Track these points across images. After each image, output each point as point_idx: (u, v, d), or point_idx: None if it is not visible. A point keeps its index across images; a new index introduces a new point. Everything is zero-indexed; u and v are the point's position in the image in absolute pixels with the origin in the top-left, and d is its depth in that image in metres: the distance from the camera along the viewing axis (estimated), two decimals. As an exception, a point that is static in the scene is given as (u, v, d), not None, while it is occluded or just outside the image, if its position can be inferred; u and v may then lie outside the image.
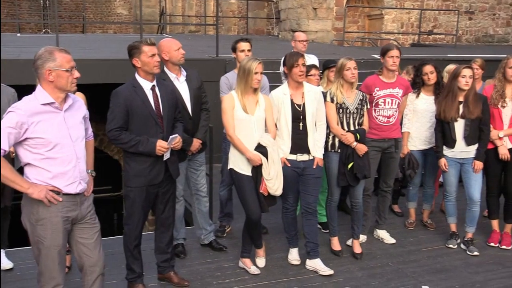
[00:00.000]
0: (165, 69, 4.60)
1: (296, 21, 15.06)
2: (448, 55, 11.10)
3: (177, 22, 23.72)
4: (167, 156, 4.00)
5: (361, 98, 4.80)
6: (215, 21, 10.14)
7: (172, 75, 4.60)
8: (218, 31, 9.52)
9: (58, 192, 3.20)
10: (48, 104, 3.15)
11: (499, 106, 5.12)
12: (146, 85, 3.96)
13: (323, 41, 14.84)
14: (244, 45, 5.21)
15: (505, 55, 5.26)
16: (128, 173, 4.02)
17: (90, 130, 3.60)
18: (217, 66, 8.31)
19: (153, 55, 3.89)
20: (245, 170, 4.32)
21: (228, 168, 4.46)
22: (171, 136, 3.94)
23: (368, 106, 4.89)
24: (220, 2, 20.16)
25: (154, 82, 4.01)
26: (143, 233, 4.29)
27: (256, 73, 4.20)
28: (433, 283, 4.53)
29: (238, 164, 4.35)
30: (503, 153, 5.09)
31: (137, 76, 3.98)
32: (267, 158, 4.22)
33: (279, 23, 16.55)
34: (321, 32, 15.03)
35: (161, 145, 3.89)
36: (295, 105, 4.43)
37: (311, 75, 5.14)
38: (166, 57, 4.53)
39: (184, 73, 4.70)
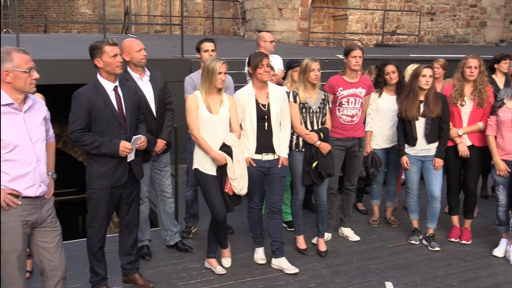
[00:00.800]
0: (128, 69, 4.55)
1: (261, 21, 15.10)
2: (411, 55, 11.31)
3: (142, 22, 23.48)
4: (131, 157, 3.97)
5: (323, 98, 4.86)
6: (180, 21, 10.08)
7: (135, 76, 4.56)
8: (184, 31, 9.48)
9: (17, 195, 3.14)
10: (7, 105, 3.09)
11: (458, 104, 5.25)
12: (109, 85, 3.92)
13: (289, 41, 14.92)
14: (208, 45, 5.21)
15: (464, 55, 5.41)
16: (91, 175, 3.97)
17: (51, 131, 3.54)
18: (182, 66, 8.28)
19: (115, 55, 3.85)
20: (210, 170, 4.32)
21: (193, 168, 4.45)
22: (134, 137, 3.91)
23: (330, 105, 4.96)
24: (186, 2, 20.07)
25: (117, 83, 3.96)
26: (107, 235, 4.24)
27: (220, 73, 4.21)
28: (396, 278, 4.62)
29: (203, 164, 4.34)
30: (463, 150, 5.22)
31: (99, 76, 3.93)
32: (232, 157, 4.23)
33: (245, 23, 16.57)
34: (286, 32, 15.11)
35: (125, 146, 3.85)
36: (260, 105, 4.46)
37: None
38: (127, 58, 4.48)
39: (148, 73, 4.66)
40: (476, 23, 18.04)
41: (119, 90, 3.96)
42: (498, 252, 5.11)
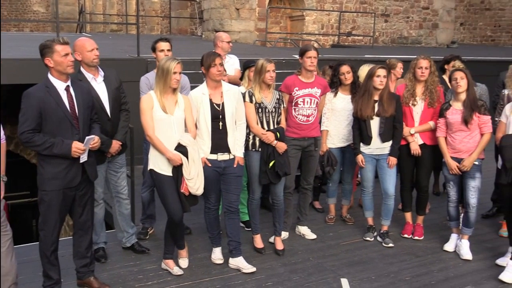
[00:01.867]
0: (82, 69, 4.47)
1: (219, 21, 15.08)
2: (365, 55, 11.52)
3: (98, 21, 23.06)
4: (84, 158, 3.90)
5: (278, 98, 4.91)
6: (136, 20, 9.95)
7: (89, 76, 4.48)
8: (141, 31, 9.37)
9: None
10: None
11: (410, 104, 5.38)
12: (60, 85, 3.84)
13: (246, 41, 14.96)
14: (163, 45, 5.17)
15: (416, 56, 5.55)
16: (43, 176, 3.88)
17: (1, 132, 3.44)
18: (138, 66, 8.18)
19: (66, 54, 3.78)
20: (166, 170, 4.30)
21: (148, 169, 4.41)
22: (87, 137, 3.84)
23: (285, 105, 5.01)
24: (142, 1, 19.85)
25: (69, 83, 3.89)
26: (61, 238, 4.16)
27: (174, 73, 4.18)
28: (351, 275, 4.70)
29: (158, 164, 4.31)
30: (415, 148, 5.36)
31: (50, 76, 3.85)
32: (187, 157, 4.21)
33: (203, 23, 16.51)
34: (244, 32, 15.14)
35: (77, 147, 3.79)
36: (214, 104, 4.46)
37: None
38: (79, 58, 4.40)
39: (101, 73, 4.58)
40: (429, 25, 18.54)
41: (71, 90, 3.89)
42: (449, 247, 5.27)
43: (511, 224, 4.79)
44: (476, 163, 5.00)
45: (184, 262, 4.75)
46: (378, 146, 5.24)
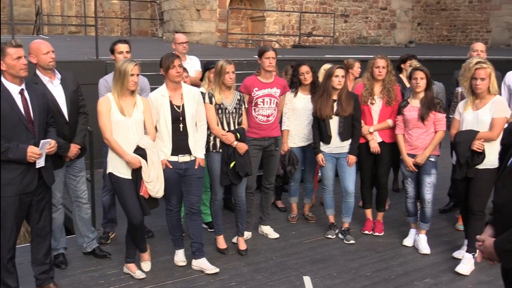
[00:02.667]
0: (37, 72, 4.38)
1: (179, 23, 15.02)
2: (326, 56, 11.66)
3: (55, 23, 22.60)
4: (40, 163, 3.82)
5: (239, 98, 4.92)
6: (95, 22, 9.82)
7: (45, 79, 4.39)
8: (101, 32, 9.27)
9: None
10: None
11: (368, 103, 5.48)
12: (14, 89, 3.76)
13: (207, 42, 14.95)
14: (122, 47, 5.11)
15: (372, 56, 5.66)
16: (-2, 182, 3.78)
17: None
18: (97, 68, 8.06)
19: (19, 57, 3.70)
20: (125, 173, 4.26)
21: (107, 172, 4.36)
22: (42, 141, 3.77)
23: (246, 106, 5.03)
24: (101, 2, 19.58)
25: (23, 86, 3.81)
26: (20, 245, 4.07)
27: (132, 75, 4.15)
28: (313, 272, 4.76)
29: (117, 167, 4.27)
30: (374, 146, 5.46)
31: (3, 79, 3.76)
32: (146, 160, 4.19)
33: (163, 24, 16.40)
34: (205, 33, 15.12)
35: (33, 151, 3.71)
36: (174, 106, 4.45)
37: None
38: (34, 60, 4.31)
39: (58, 76, 4.50)
40: (387, 25, 18.92)
41: (25, 93, 3.81)
42: (408, 242, 5.39)
43: (467, 218, 4.94)
44: (432, 159, 5.13)
45: (146, 266, 4.72)
46: (337, 145, 5.32)
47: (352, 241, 5.41)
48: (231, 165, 4.79)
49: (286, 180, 6.30)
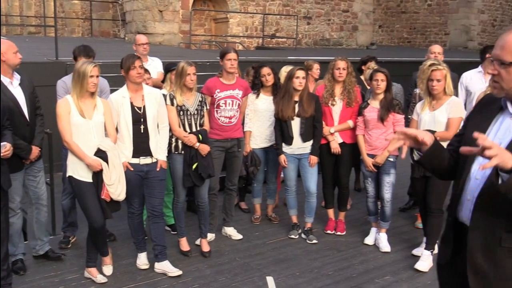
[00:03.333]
0: (-2, 73, 4.28)
1: (142, 24, 14.88)
2: (289, 57, 11.74)
3: (14, 23, 22.06)
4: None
5: (200, 100, 4.92)
6: (54, 23, 9.64)
7: (5, 80, 4.31)
8: (61, 33, 9.11)
9: None
10: None
11: (329, 104, 5.55)
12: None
13: (170, 43, 14.86)
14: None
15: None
16: (-48, 187, 3.68)
17: None
18: (57, 69, 7.91)
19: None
20: (85, 176, 4.20)
21: (67, 175, 4.29)
22: (-2, 144, 3.69)
23: (208, 107, 5.03)
24: (62, 2, 19.21)
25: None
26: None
27: (91, 76, 4.10)
28: (277, 272, 4.79)
29: (77, 171, 4.20)
30: (335, 147, 5.54)
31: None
32: (107, 163, 4.14)
33: (125, 25, 16.21)
34: (168, 34, 15.03)
35: (-14, 156, 3.63)
36: (135, 107, 4.41)
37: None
38: (3, 58, 4.23)
39: (17, 77, 4.44)
40: (349, 27, 19.19)
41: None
42: (369, 240, 5.49)
43: (425, 216, 5.06)
44: (391, 159, 5.24)
45: (108, 270, 4.66)
46: (299, 146, 5.37)
47: (314, 241, 5.47)
48: (194, 166, 4.78)
49: (249, 182, 6.33)
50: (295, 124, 5.34)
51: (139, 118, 4.41)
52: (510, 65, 2.10)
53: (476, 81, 6.02)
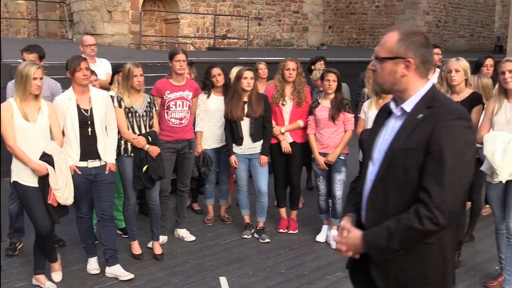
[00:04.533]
0: None
1: (90, 24, 14.59)
2: (240, 58, 11.77)
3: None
4: None
5: (149, 101, 4.88)
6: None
7: None
8: (6, 34, 8.84)
9: None
10: None
11: (280, 104, 5.61)
12: None
13: (120, 44, 14.63)
14: (30, 56, 4.93)
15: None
16: None
17: None
18: (1, 72, 7.64)
19: None
20: (31, 181, 4.09)
21: (12, 181, 4.16)
22: None
23: (157, 108, 4.99)
24: (6, 2, 18.59)
25: None
26: None
27: (35, 78, 4.00)
28: (229, 273, 4.80)
29: (22, 175, 4.09)
30: (285, 146, 5.59)
31: None
32: (53, 167, 4.04)
33: (73, 26, 15.85)
34: (117, 35, 14.79)
35: None
36: (82, 110, 4.33)
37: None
38: None
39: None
40: (299, 28, 19.41)
41: None
42: (320, 237, 5.57)
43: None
44: (342, 157, 5.34)
45: (57, 276, 4.55)
46: (249, 146, 5.41)
47: (267, 240, 5.51)
48: (144, 169, 4.74)
49: (202, 183, 6.31)
50: (245, 125, 5.37)
51: (86, 120, 4.33)
52: (383, 61, 2.20)
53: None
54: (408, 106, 2.18)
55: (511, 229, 4.24)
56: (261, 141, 5.43)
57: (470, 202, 5.49)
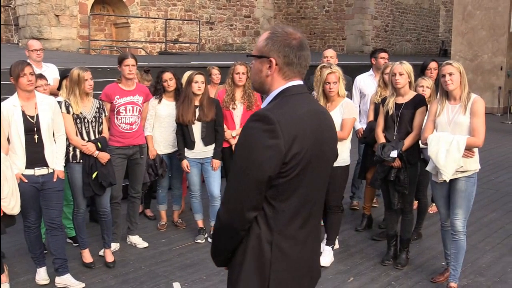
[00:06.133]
0: None
1: (37, 28, 14.22)
2: (192, 62, 11.75)
3: None
4: None
5: (98, 106, 4.81)
6: None
7: None
8: None
9: None
10: None
11: (230, 108, 5.64)
12: None
13: (69, 49, 14.33)
14: None
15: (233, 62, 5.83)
16: None
17: None
18: None
19: None
20: (-26, 190, 3.95)
21: (-47, 190, 4.02)
22: None
23: (106, 114, 4.93)
24: None
25: None
26: None
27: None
28: (183, 278, 4.77)
29: (-36, 185, 3.95)
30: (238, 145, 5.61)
31: None
32: (-2, 175, 3.93)
33: (19, 30, 15.41)
34: (65, 40, 14.48)
35: None
36: (28, 116, 4.22)
37: (37, 86, 4.91)
38: None
39: None
40: (251, 32, 19.54)
41: None
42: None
43: (325, 213, 5.26)
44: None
45: (4, 288, 4.42)
46: (201, 150, 5.40)
47: (220, 244, 5.50)
48: (93, 175, 4.66)
49: (154, 188, 6.26)
50: (196, 128, 5.37)
51: (32, 127, 4.22)
52: (253, 59, 2.15)
53: (369, 84, 6.37)
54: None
55: (456, 226, 4.40)
56: (213, 145, 5.43)
57: (417, 201, 5.66)
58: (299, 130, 1.99)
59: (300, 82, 2.13)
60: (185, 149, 5.42)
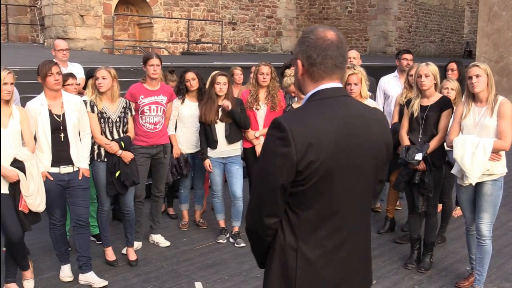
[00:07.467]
0: None
1: (62, 28, 14.42)
2: (214, 62, 11.78)
3: None
4: None
5: (124, 106, 4.84)
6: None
7: None
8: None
9: None
10: None
11: (254, 109, 5.64)
12: None
13: (93, 49, 14.49)
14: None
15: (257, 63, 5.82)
16: None
17: None
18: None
19: None
20: (1, 188, 4.01)
21: (-19, 188, 4.08)
22: None
23: (133, 113, 4.96)
24: (-26, 5, 18.23)
25: None
26: None
27: (5, 83, 3.94)
28: (205, 278, 4.79)
29: (-8, 182, 4.01)
30: (260, 151, 5.61)
31: None
32: (25, 173, 3.98)
33: (44, 30, 15.64)
34: (90, 40, 14.65)
35: None
36: (54, 115, 4.28)
37: (67, 84, 4.98)
38: None
39: None
40: (273, 33, 19.51)
41: None
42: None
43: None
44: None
45: (29, 284, 4.46)
46: (224, 149, 5.41)
47: (242, 244, 5.50)
48: (116, 174, 4.70)
49: (176, 187, 6.29)
50: (219, 128, 5.38)
51: (58, 126, 4.28)
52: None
53: (393, 85, 6.31)
54: None
55: (481, 230, 4.33)
56: (236, 144, 5.44)
57: (441, 204, 5.59)
58: (315, 138, 1.90)
59: (335, 85, 2.03)
60: (208, 148, 5.43)
